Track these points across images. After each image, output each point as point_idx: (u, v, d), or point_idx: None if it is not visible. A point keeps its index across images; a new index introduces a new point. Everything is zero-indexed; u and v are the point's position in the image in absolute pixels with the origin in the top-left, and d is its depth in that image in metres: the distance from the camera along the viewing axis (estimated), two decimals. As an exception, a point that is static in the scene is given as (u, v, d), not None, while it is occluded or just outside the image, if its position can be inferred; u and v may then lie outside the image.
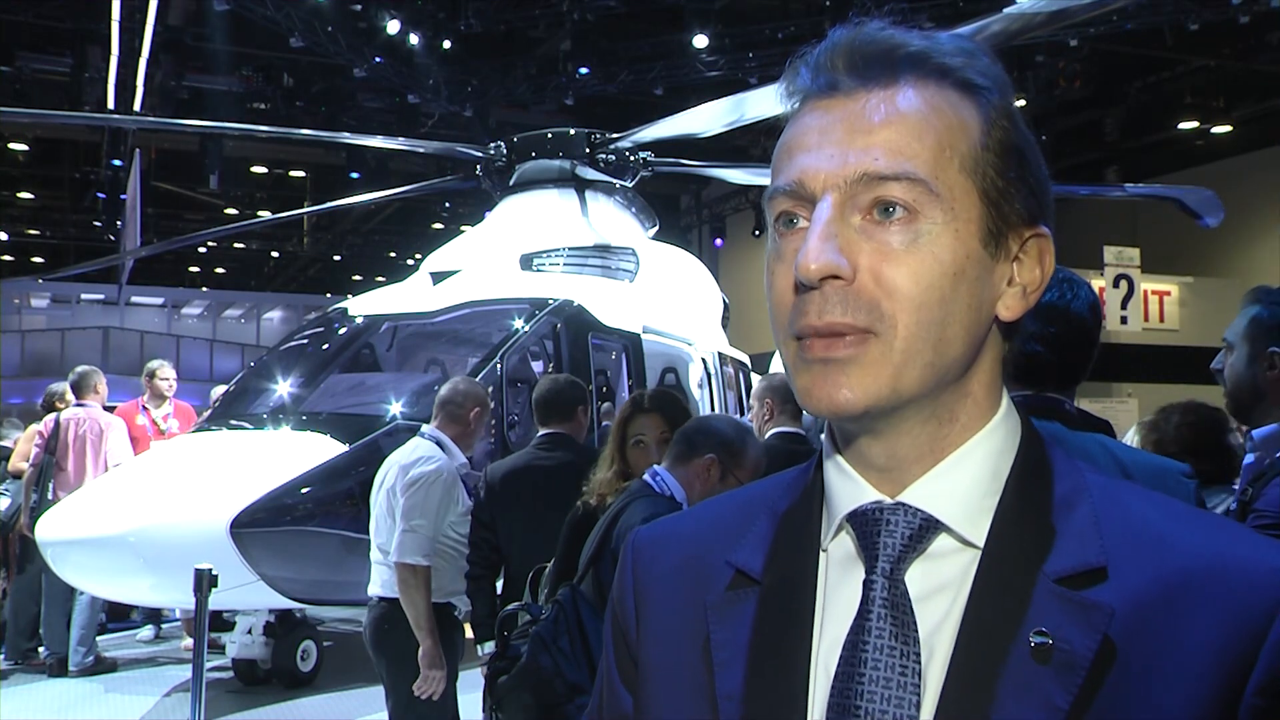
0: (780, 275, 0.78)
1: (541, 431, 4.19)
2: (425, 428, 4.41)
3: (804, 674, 0.77)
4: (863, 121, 0.76)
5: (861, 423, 0.77)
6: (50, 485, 7.08)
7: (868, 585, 0.76)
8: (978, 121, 0.78)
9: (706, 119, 7.63)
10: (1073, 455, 0.82)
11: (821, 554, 0.81)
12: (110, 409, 8.08)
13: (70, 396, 7.61)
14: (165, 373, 8.14)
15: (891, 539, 0.76)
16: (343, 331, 7.52)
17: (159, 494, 5.69)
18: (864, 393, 0.74)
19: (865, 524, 0.78)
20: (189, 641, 7.83)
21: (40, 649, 7.23)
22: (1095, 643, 0.70)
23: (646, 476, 2.89)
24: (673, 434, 3.29)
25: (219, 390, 9.23)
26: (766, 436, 4.40)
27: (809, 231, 0.75)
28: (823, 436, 0.85)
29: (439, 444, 4.29)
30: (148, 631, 8.28)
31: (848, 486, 0.80)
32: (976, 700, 0.71)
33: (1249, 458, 2.34)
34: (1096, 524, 0.75)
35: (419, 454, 4.25)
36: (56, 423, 7.25)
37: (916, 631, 0.74)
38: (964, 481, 0.78)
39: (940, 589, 0.76)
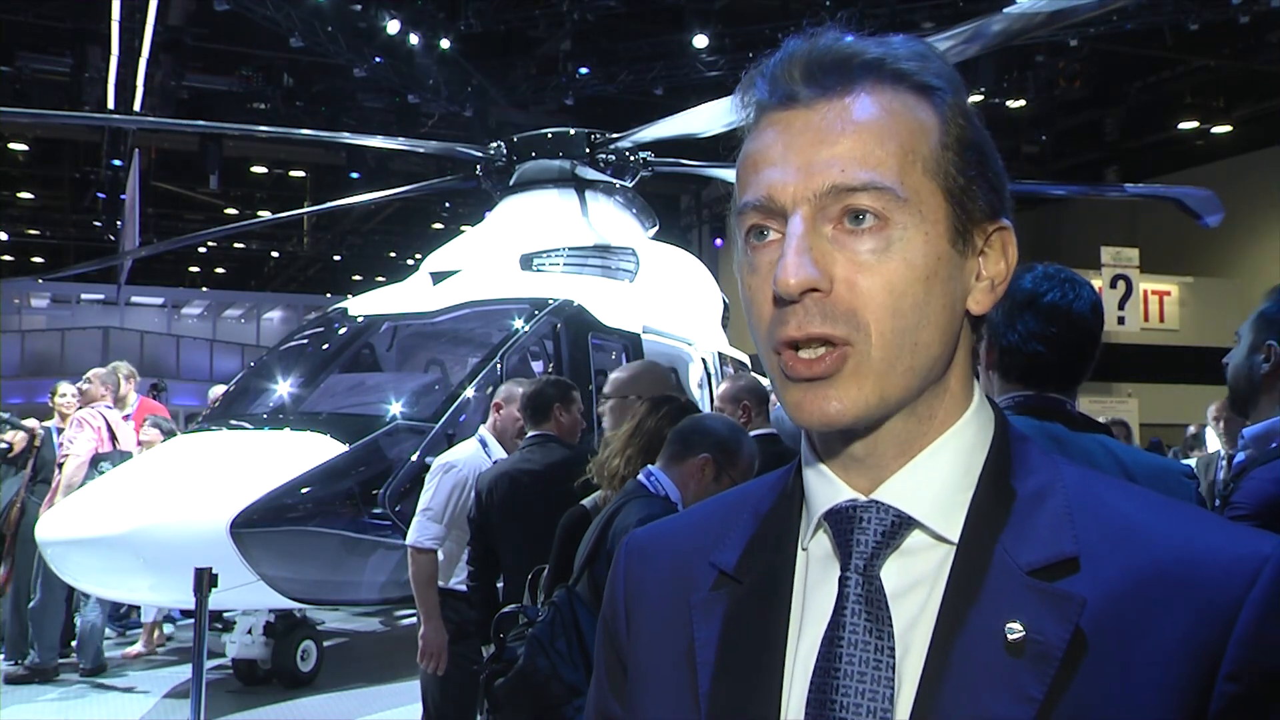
0: (757, 289, 0.79)
1: (529, 434, 4.21)
2: (482, 427, 4.75)
3: (780, 671, 0.78)
4: (825, 132, 0.77)
5: (850, 431, 0.79)
6: None
7: (843, 582, 0.77)
8: (936, 122, 0.79)
9: (706, 119, 7.63)
10: (1050, 450, 0.83)
11: (801, 553, 0.82)
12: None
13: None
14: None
15: (865, 536, 0.78)
16: (343, 331, 7.52)
17: (159, 494, 5.68)
18: (852, 404, 0.76)
19: (840, 522, 0.79)
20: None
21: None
22: (1068, 633, 0.71)
23: (641, 477, 2.88)
24: None
25: (217, 390, 9.24)
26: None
27: (785, 246, 0.76)
28: (802, 438, 0.85)
29: (483, 443, 4.54)
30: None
31: (825, 486, 0.81)
32: (952, 693, 0.72)
33: (1239, 456, 2.34)
34: (1069, 515, 0.76)
35: (455, 449, 4.69)
36: (107, 420, 7.25)
37: (891, 626, 0.75)
38: (937, 478, 0.79)
39: (915, 584, 0.77)
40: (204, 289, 32.64)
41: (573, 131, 8.95)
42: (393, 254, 29.27)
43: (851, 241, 0.76)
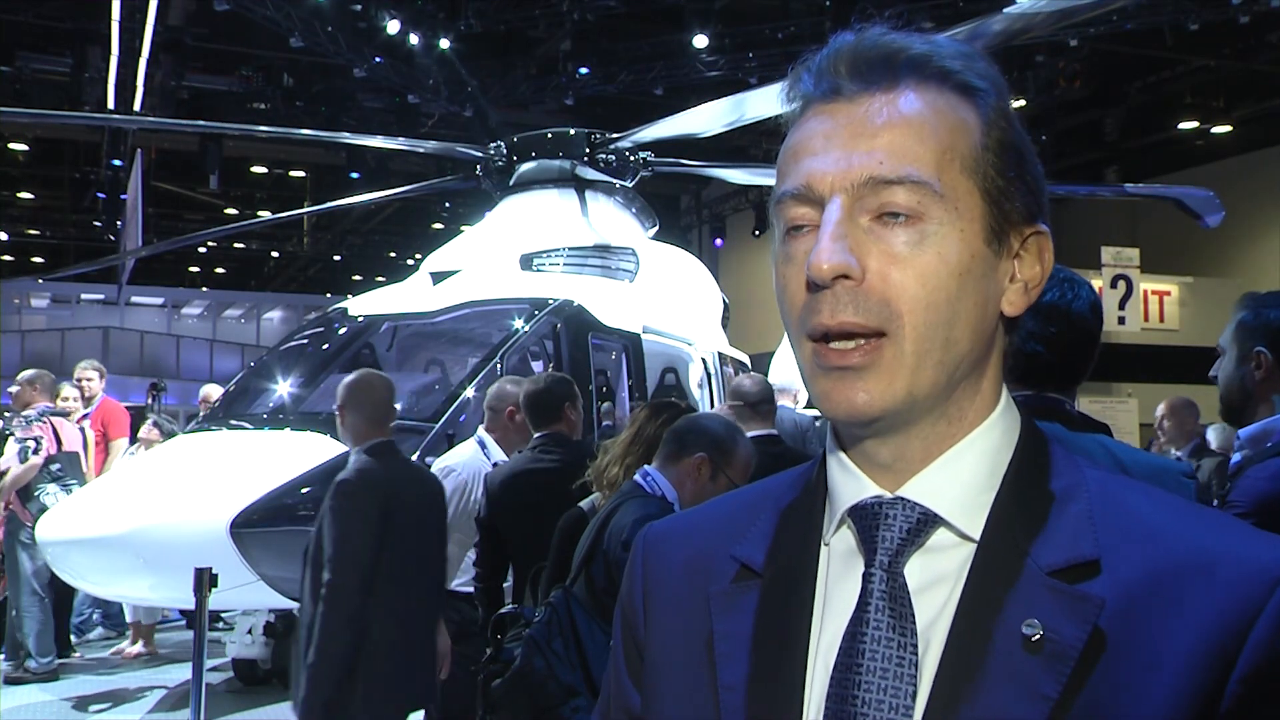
0: (791, 278, 0.79)
1: (536, 434, 4.19)
2: (480, 429, 4.69)
3: (803, 665, 0.78)
4: (866, 125, 0.77)
5: (876, 426, 0.79)
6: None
7: (867, 578, 0.78)
8: (977, 122, 0.79)
9: (706, 119, 7.62)
10: (1073, 452, 0.83)
11: (823, 548, 0.82)
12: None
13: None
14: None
15: (890, 532, 0.78)
16: (343, 331, 7.51)
17: (159, 494, 5.68)
18: (880, 397, 0.76)
19: (865, 518, 0.79)
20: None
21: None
22: (1085, 633, 0.71)
23: (637, 477, 2.88)
24: None
25: (208, 389, 9.24)
26: None
27: (820, 232, 0.76)
28: (827, 433, 0.86)
29: (481, 444, 4.51)
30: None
31: (849, 482, 0.81)
32: (968, 689, 0.72)
33: (1236, 456, 2.35)
34: (1091, 518, 0.76)
35: (453, 451, 4.68)
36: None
37: (914, 623, 0.75)
38: (962, 476, 0.79)
39: (938, 581, 0.77)
40: (204, 289, 32.64)
41: (573, 131, 8.94)
42: (393, 254, 29.25)
43: (887, 234, 0.76)
